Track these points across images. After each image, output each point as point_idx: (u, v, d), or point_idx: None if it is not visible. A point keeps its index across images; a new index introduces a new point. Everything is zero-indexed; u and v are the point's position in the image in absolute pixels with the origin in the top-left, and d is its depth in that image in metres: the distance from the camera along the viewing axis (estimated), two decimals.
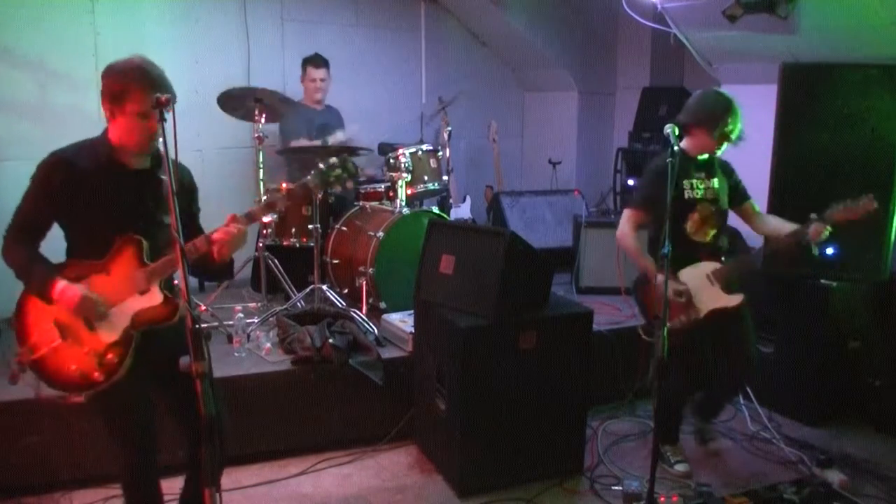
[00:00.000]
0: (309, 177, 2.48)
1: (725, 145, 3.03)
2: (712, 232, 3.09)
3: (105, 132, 2.25)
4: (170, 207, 1.91)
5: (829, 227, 2.90)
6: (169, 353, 1.94)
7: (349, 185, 2.60)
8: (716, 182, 3.10)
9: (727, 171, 3.20)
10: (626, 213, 3.14)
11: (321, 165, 2.49)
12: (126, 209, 2.22)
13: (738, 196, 3.20)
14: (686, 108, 3.05)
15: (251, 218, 2.30)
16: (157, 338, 2.23)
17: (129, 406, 2.23)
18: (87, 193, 2.17)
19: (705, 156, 3.09)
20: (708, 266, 3.06)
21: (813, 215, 2.92)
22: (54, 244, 2.31)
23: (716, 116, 2.95)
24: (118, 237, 2.19)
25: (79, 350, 2.16)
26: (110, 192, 2.19)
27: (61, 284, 2.14)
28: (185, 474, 2.49)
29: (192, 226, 2.41)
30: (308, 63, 4.82)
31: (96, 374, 2.15)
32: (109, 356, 2.15)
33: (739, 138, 3.02)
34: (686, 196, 3.04)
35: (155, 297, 2.20)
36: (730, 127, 2.96)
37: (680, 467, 3.22)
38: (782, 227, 3.09)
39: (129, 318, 2.19)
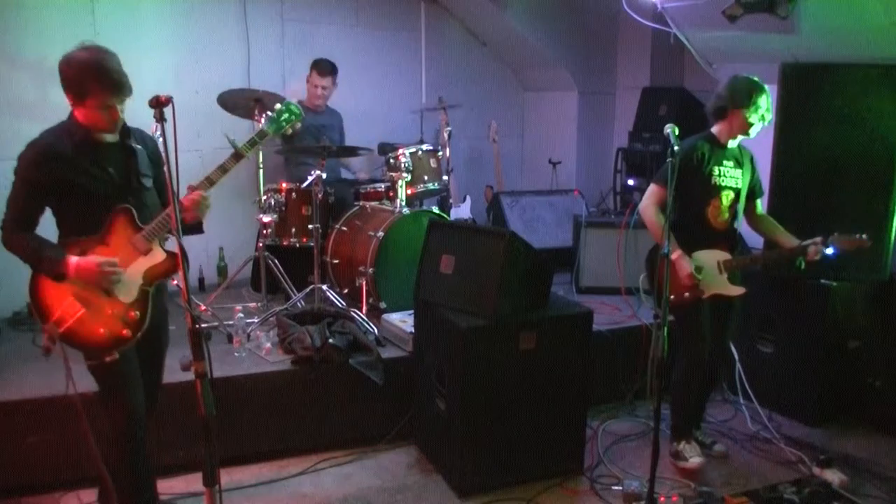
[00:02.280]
0: (262, 125, 2.79)
1: (760, 126, 3.14)
2: (729, 219, 3.20)
3: (72, 114, 2.36)
4: (169, 200, 2.01)
5: (827, 250, 3.08)
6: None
7: (297, 126, 3.02)
8: (741, 172, 3.21)
9: (753, 164, 3.31)
10: (651, 189, 3.23)
11: (269, 113, 2.81)
12: (110, 180, 2.35)
13: (751, 192, 3.30)
14: (719, 95, 3.16)
15: (210, 181, 2.54)
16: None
17: (122, 363, 2.38)
18: (73, 172, 2.29)
19: (734, 144, 3.20)
20: (720, 254, 3.17)
21: (819, 237, 3.10)
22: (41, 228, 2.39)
23: (752, 96, 3.05)
24: (108, 209, 2.33)
25: (103, 315, 2.32)
26: (93, 168, 2.33)
27: (74, 260, 2.27)
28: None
29: (165, 188, 2.53)
30: (314, 67, 4.81)
31: (124, 331, 2.34)
32: (132, 314, 2.36)
33: (771, 120, 3.18)
34: (713, 182, 3.14)
35: (158, 254, 2.40)
36: (765, 106, 3.08)
37: (695, 460, 3.21)
38: (780, 234, 3.27)
39: (140, 277, 2.38)
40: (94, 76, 2.23)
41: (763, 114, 3.10)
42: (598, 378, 3.60)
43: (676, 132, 2.73)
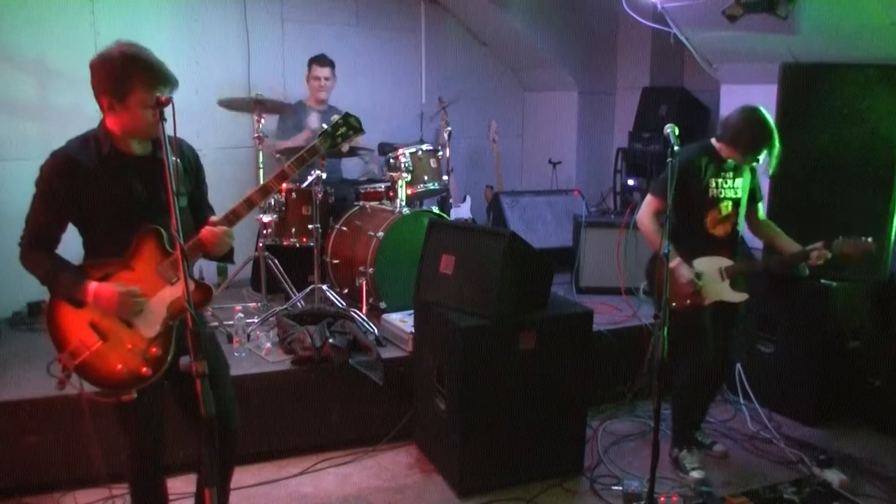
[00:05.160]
0: (316, 140, 2.43)
1: (751, 164, 3.15)
2: (729, 228, 3.19)
3: (103, 123, 2.15)
4: (169, 207, 1.88)
5: (829, 255, 3.00)
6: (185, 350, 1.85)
7: (357, 140, 2.65)
8: (741, 182, 3.20)
9: (753, 170, 3.29)
10: (647, 199, 3.23)
11: (325, 126, 2.48)
12: (138, 199, 2.15)
13: (751, 198, 3.29)
14: (727, 124, 3.09)
15: (266, 191, 2.29)
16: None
17: (138, 402, 2.19)
18: (95, 189, 2.10)
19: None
20: (722, 261, 3.16)
21: (820, 242, 3.03)
22: (68, 245, 2.24)
23: (753, 147, 3.03)
24: (135, 230, 2.12)
25: (122, 349, 2.12)
26: (119, 185, 2.12)
27: (93, 286, 2.09)
28: (198, 473, 2.50)
29: (203, 209, 2.38)
30: (313, 61, 4.83)
31: (144, 369, 2.12)
32: (153, 350, 2.12)
33: (771, 170, 3.13)
34: (710, 193, 3.14)
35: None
36: (760, 158, 3.07)
37: (696, 474, 3.19)
38: (781, 240, 3.24)
39: (164, 309, 2.13)
40: (138, 67, 2.00)
41: (761, 161, 3.07)
42: (598, 378, 3.60)
43: (676, 132, 2.72)
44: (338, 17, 5.49)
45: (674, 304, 3.10)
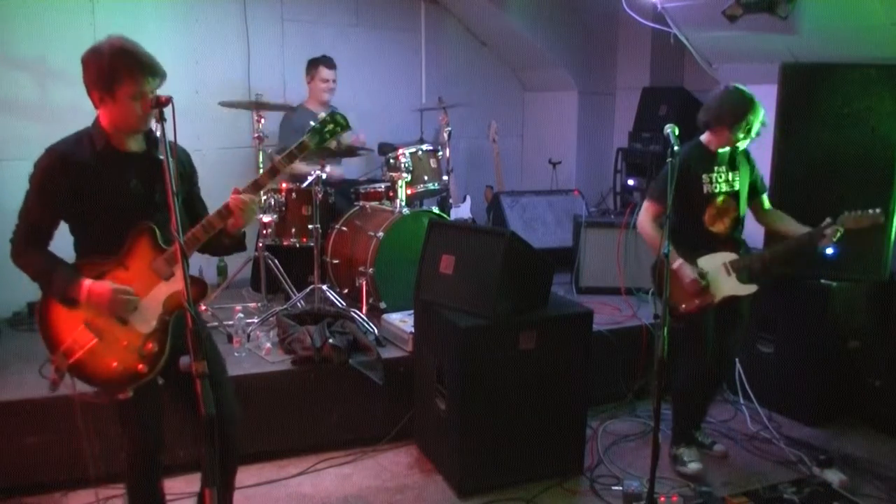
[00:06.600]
0: (305, 136, 2.44)
1: (747, 140, 3.14)
2: (729, 224, 3.19)
3: (97, 120, 2.18)
4: (170, 206, 1.89)
5: (841, 230, 3.02)
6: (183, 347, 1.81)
7: (343, 137, 2.59)
8: (737, 175, 3.19)
9: (751, 162, 3.30)
10: (645, 205, 3.23)
11: (313, 123, 2.50)
12: (131, 196, 2.16)
13: (754, 190, 3.29)
14: (707, 107, 3.14)
15: (258, 186, 2.28)
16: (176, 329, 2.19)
17: (137, 400, 2.20)
18: (89, 186, 2.11)
19: (726, 149, 3.18)
20: (725, 256, 3.15)
21: (828, 219, 3.05)
22: (60, 243, 2.25)
23: (737, 116, 3.04)
24: (129, 228, 2.14)
25: (117, 346, 2.12)
26: (112, 182, 2.14)
27: (87, 284, 2.09)
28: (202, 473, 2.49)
29: (198, 206, 2.42)
30: (321, 63, 4.80)
31: (140, 366, 2.12)
32: (149, 346, 2.13)
33: (759, 133, 3.14)
34: (705, 190, 3.14)
35: (181, 280, 2.03)
36: (751, 123, 3.06)
37: (693, 465, 3.21)
38: (790, 225, 3.23)
39: (160, 305, 2.15)
40: (125, 58, 2.05)
41: (752, 129, 3.07)
42: (598, 378, 3.60)
43: (676, 132, 2.73)
44: (338, 17, 5.48)
45: (683, 306, 3.11)
